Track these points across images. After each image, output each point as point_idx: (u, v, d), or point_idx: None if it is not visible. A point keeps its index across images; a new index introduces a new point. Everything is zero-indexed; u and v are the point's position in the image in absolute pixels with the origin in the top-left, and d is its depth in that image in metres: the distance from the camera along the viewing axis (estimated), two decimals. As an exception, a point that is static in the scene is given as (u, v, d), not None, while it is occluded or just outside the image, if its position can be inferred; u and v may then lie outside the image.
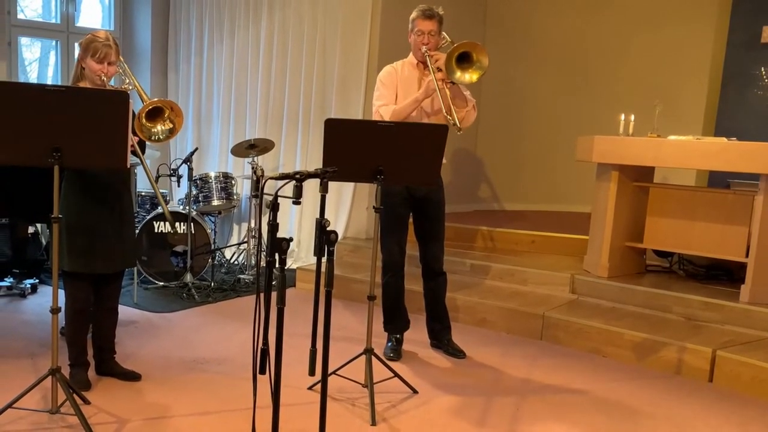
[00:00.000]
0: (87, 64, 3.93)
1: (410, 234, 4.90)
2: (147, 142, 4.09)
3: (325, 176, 3.00)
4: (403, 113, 4.61)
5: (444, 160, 4.82)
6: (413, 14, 4.70)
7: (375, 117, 4.73)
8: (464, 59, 4.53)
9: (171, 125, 3.89)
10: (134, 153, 3.95)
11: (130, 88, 4.05)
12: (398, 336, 4.97)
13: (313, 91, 7.43)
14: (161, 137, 3.90)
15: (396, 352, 4.87)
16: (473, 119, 4.82)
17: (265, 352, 2.84)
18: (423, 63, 4.73)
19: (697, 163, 5.63)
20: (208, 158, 8.36)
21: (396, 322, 4.96)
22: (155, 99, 3.88)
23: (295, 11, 7.50)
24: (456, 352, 4.94)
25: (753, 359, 4.52)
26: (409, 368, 4.66)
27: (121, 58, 4.11)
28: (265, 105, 7.84)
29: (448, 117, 4.54)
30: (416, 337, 5.12)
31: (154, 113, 3.85)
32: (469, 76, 4.54)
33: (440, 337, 5.05)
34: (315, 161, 7.29)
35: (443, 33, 4.74)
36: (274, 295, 2.76)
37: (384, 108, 4.67)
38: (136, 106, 3.77)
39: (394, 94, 4.75)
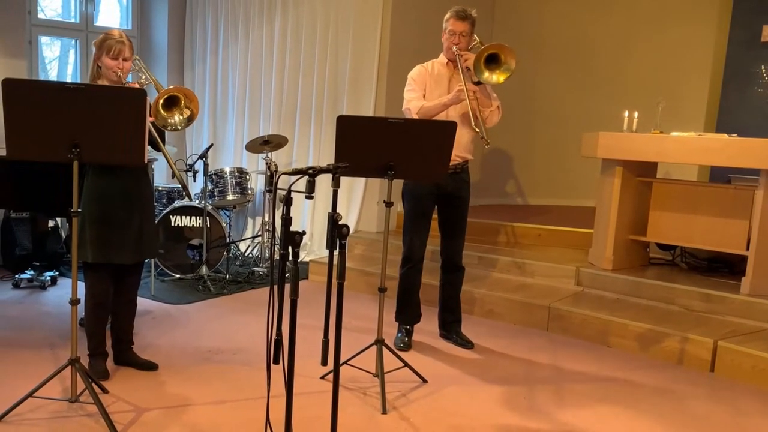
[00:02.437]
0: (103, 62, 3.97)
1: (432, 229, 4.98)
2: (167, 131, 4.11)
3: (337, 171, 3.00)
4: (429, 113, 4.66)
5: (471, 156, 4.92)
6: (447, 14, 4.74)
7: (404, 110, 4.79)
8: (492, 60, 4.59)
9: (189, 112, 3.90)
10: (152, 143, 3.99)
11: (147, 83, 4.09)
12: (408, 327, 5.02)
13: (326, 89, 7.49)
14: (179, 127, 3.93)
15: (406, 342, 4.93)
16: (497, 120, 4.88)
17: (278, 342, 2.83)
18: (453, 62, 4.78)
19: (699, 159, 5.68)
20: (223, 154, 8.42)
21: (408, 314, 5.01)
22: (170, 87, 3.90)
23: (308, 11, 7.56)
24: (464, 343, 5.02)
25: (753, 349, 4.58)
26: (419, 358, 4.71)
27: (138, 56, 4.16)
28: (279, 102, 7.90)
29: (476, 129, 4.61)
30: (426, 328, 5.17)
31: (171, 102, 3.88)
32: (496, 77, 4.61)
33: (450, 329, 5.11)
34: (327, 157, 7.33)
35: (474, 35, 4.79)
36: (287, 287, 2.75)
37: (414, 103, 4.72)
38: (153, 99, 3.83)
39: (422, 91, 4.80)
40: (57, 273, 6.46)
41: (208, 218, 6.56)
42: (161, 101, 3.83)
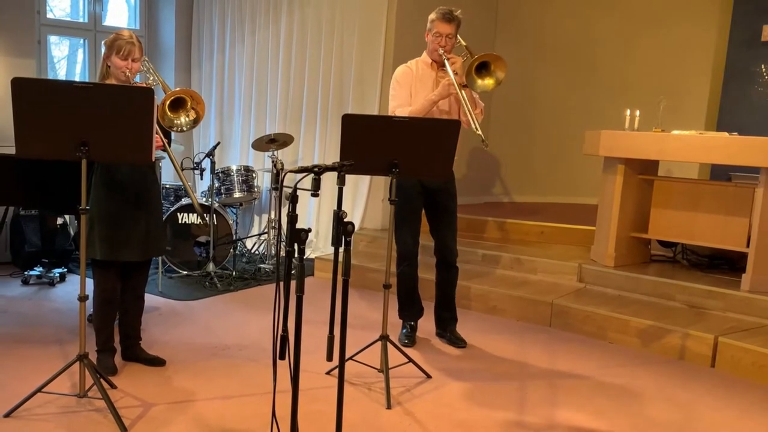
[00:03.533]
0: (112, 62, 4.00)
1: (422, 225, 4.98)
2: (173, 134, 4.14)
3: (342, 169, 3.01)
4: (419, 114, 4.65)
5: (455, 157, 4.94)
6: (432, 15, 4.73)
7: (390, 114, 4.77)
8: (482, 67, 4.61)
9: (195, 114, 3.93)
10: (164, 150, 4.03)
11: (155, 84, 4.10)
12: (412, 323, 5.05)
13: (331, 88, 7.53)
14: (185, 128, 3.95)
15: (410, 338, 4.97)
16: (479, 121, 4.90)
17: (284, 338, 2.82)
18: (438, 64, 4.79)
19: (700, 157, 5.69)
20: (229, 152, 8.47)
21: (410, 310, 5.04)
22: (177, 89, 3.92)
23: (314, 11, 7.60)
24: (457, 341, 5.00)
25: (753, 345, 4.61)
26: (423, 354, 4.74)
27: (146, 57, 4.19)
28: (285, 101, 7.94)
29: (478, 132, 4.55)
30: (429, 324, 5.19)
31: (177, 104, 3.91)
32: (487, 82, 4.63)
33: (445, 326, 5.11)
34: (332, 155, 7.39)
35: (458, 36, 4.78)
36: (293, 283, 2.77)
37: (400, 109, 4.72)
38: (160, 100, 3.84)
39: (408, 93, 4.81)
40: (66, 270, 6.52)
41: (215, 216, 6.60)
42: (168, 102, 3.87)
